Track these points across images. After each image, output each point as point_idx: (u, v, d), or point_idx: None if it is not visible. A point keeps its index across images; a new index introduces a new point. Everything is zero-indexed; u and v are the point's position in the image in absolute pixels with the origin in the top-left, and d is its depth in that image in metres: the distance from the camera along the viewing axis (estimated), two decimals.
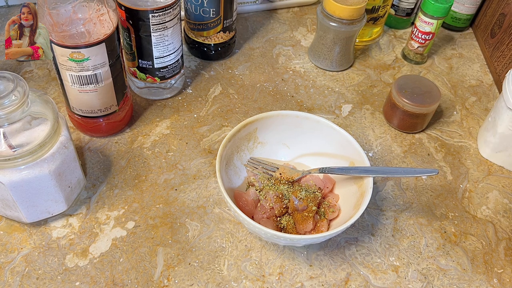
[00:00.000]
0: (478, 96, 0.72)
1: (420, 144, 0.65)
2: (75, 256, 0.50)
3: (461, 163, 0.63)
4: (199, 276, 0.49)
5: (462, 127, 0.67)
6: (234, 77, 0.70)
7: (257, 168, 0.56)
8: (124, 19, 0.56)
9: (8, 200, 0.47)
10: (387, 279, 0.51)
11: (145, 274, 0.49)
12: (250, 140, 0.56)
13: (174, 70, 0.63)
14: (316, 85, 0.71)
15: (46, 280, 0.48)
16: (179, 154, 0.60)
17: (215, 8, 0.65)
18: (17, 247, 0.50)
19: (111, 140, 0.60)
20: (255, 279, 0.50)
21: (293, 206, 0.51)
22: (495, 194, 0.60)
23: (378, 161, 0.62)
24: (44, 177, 0.47)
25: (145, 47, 0.58)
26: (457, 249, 0.54)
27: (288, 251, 0.52)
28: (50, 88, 0.66)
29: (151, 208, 0.54)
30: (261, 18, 0.82)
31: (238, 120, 0.64)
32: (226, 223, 0.54)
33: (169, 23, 0.57)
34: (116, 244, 0.51)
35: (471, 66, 0.77)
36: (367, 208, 0.56)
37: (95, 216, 0.53)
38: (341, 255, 0.52)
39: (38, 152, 0.45)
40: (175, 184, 0.57)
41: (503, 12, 0.75)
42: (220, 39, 0.69)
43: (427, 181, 0.60)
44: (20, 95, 0.43)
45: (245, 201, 0.52)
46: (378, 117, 0.67)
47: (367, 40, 0.78)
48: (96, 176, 0.57)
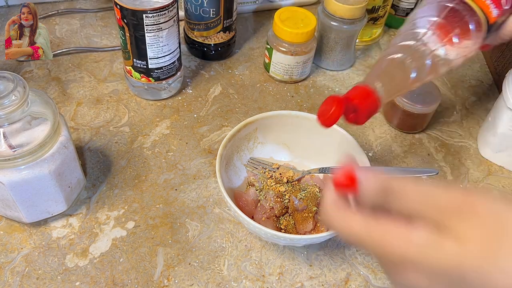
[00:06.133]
0: (478, 96, 0.72)
1: (420, 144, 0.65)
2: (75, 256, 0.50)
3: (461, 163, 0.63)
4: (199, 276, 0.49)
5: (462, 127, 0.67)
6: (234, 77, 0.70)
7: (257, 168, 0.56)
8: (119, 18, 0.56)
9: (8, 200, 0.47)
10: (387, 279, 0.51)
11: (145, 274, 0.49)
12: (250, 140, 0.56)
13: (169, 72, 0.62)
14: (316, 85, 0.71)
15: (46, 280, 0.48)
16: (179, 154, 0.60)
17: (215, 8, 0.65)
18: (17, 247, 0.50)
19: (111, 140, 0.60)
20: (255, 279, 0.50)
21: (293, 206, 0.51)
22: (495, 194, 0.60)
23: (378, 161, 0.62)
24: (44, 177, 0.46)
25: (140, 47, 0.58)
26: None
27: (288, 251, 0.52)
28: (50, 88, 0.66)
29: (151, 208, 0.54)
30: (261, 18, 0.82)
31: (238, 120, 0.64)
32: (226, 223, 0.54)
33: (164, 25, 0.57)
34: (116, 244, 0.51)
35: (471, 66, 0.77)
36: None
37: (95, 216, 0.53)
38: (341, 255, 0.52)
39: (38, 152, 0.45)
40: (175, 184, 0.57)
41: None
42: (220, 39, 0.69)
43: (427, 181, 0.60)
44: (20, 95, 0.43)
45: (245, 201, 0.52)
46: (378, 117, 0.67)
47: (367, 40, 0.78)
48: (96, 176, 0.57)
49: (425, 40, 0.43)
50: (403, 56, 0.43)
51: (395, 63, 0.43)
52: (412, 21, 0.45)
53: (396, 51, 0.43)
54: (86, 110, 0.63)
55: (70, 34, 0.74)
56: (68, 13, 0.77)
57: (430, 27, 0.44)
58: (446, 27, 0.44)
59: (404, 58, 0.43)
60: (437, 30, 0.44)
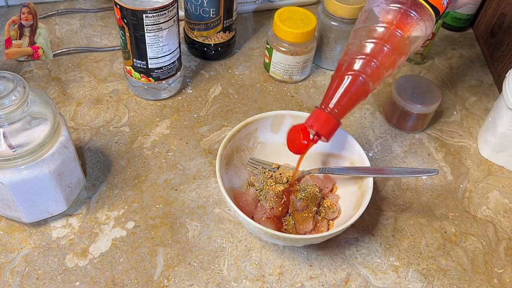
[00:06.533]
0: (478, 96, 0.72)
1: (420, 144, 0.65)
2: (75, 256, 0.49)
3: (461, 163, 0.63)
4: (199, 276, 0.49)
5: (462, 127, 0.67)
6: (234, 77, 0.70)
7: (257, 168, 0.56)
8: (119, 18, 0.56)
9: (8, 200, 0.47)
10: (387, 279, 0.51)
11: (145, 274, 0.49)
12: (250, 140, 0.56)
13: (169, 72, 0.62)
14: (316, 85, 0.71)
15: (46, 280, 0.48)
16: (179, 154, 0.60)
17: (215, 8, 0.65)
18: (17, 247, 0.50)
19: (111, 140, 0.60)
20: (255, 279, 0.50)
21: (293, 206, 0.51)
22: (495, 194, 0.60)
23: (378, 161, 0.62)
24: (44, 177, 0.46)
25: (140, 47, 0.58)
26: (457, 249, 0.54)
27: (288, 251, 0.52)
28: (50, 88, 0.66)
29: (151, 208, 0.54)
30: (261, 18, 0.82)
31: (238, 120, 0.64)
32: (226, 223, 0.54)
33: (164, 25, 0.56)
34: (116, 244, 0.51)
35: (471, 66, 0.77)
36: (367, 208, 0.55)
37: (95, 216, 0.53)
38: (341, 255, 0.52)
39: (38, 152, 0.45)
40: (175, 184, 0.57)
41: (503, 12, 0.75)
42: (220, 39, 0.69)
43: (427, 181, 0.60)
44: (20, 95, 0.43)
45: (245, 201, 0.52)
46: (378, 117, 0.67)
47: None
48: (96, 176, 0.57)
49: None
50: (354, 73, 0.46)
51: (348, 81, 0.46)
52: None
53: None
54: (86, 110, 0.63)
55: (70, 34, 0.74)
56: (68, 13, 0.77)
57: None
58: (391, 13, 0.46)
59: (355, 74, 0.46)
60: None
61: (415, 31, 0.46)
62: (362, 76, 0.45)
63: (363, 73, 0.45)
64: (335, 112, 0.46)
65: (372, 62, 0.45)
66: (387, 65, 0.45)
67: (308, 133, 0.47)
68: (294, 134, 0.48)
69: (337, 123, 0.46)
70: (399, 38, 0.45)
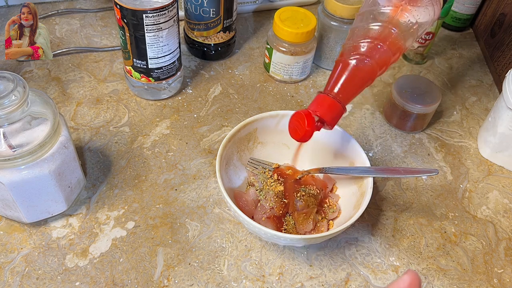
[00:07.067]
0: (478, 96, 0.72)
1: (420, 144, 0.65)
2: (75, 256, 0.49)
3: (461, 163, 0.63)
4: (199, 276, 0.49)
5: (462, 127, 0.67)
6: (234, 77, 0.70)
7: (257, 168, 0.56)
8: (119, 18, 0.56)
9: (8, 200, 0.47)
10: (387, 279, 0.51)
11: (145, 274, 0.49)
12: (250, 140, 0.56)
13: (169, 72, 0.62)
14: (316, 85, 0.71)
15: (46, 280, 0.48)
16: (179, 154, 0.60)
17: (215, 8, 0.65)
18: (17, 247, 0.50)
19: (111, 140, 0.60)
20: (255, 279, 0.50)
21: (293, 206, 0.51)
22: (495, 194, 0.60)
23: (378, 161, 0.62)
24: (44, 177, 0.46)
25: (140, 47, 0.58)
26: (457, 249, 0.54)
27: (288, 251, 0.52)
28: (50, 88, 0.66)
29: (151, 208, 0.54)
30: (261, 18, 0.82)
31: (238, 120, 0.64)
32: (226, 223, 0.54)
33: (164, 25, 0.57)
34: (116, 244, 0.51)
35: (471, 66, 0.77)
36: (367, 208, 0.56)
37: (95, 216, 0.53)
38: (341, 255, 0.52)
39: (38, 152, 0.45)
40: (175, 184, 0.57)
41: (503, 12, 0.75)
42: (220, 39, 0.69)
43: (427, 181, 0.60)
44: (20, 95, 0.43)
45: (245, 201, 0.52)
46: (378, 117, 0.67)
47: None
48: (96, 176, 0.57)
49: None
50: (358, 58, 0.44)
51: (350, 67, 0.44)
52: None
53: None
54: (86, 110, 0.63)
55: (70, 34, 0.74)
56: (68, 13, 0.77)
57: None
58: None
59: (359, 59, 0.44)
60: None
61: (424, 15, 0.44)
62: (368, 59, 0.43)
63: (369, 57, 0.43)
64: (340, 97, 0.44)
65: (378, 46, 0.43)
66: (394, 49, 0.43)
67: (313, 119, 0.44)
68: (298, 121, 0.45)
69: (342, 109, 0.44)
70: (406, 22, 0.43)
